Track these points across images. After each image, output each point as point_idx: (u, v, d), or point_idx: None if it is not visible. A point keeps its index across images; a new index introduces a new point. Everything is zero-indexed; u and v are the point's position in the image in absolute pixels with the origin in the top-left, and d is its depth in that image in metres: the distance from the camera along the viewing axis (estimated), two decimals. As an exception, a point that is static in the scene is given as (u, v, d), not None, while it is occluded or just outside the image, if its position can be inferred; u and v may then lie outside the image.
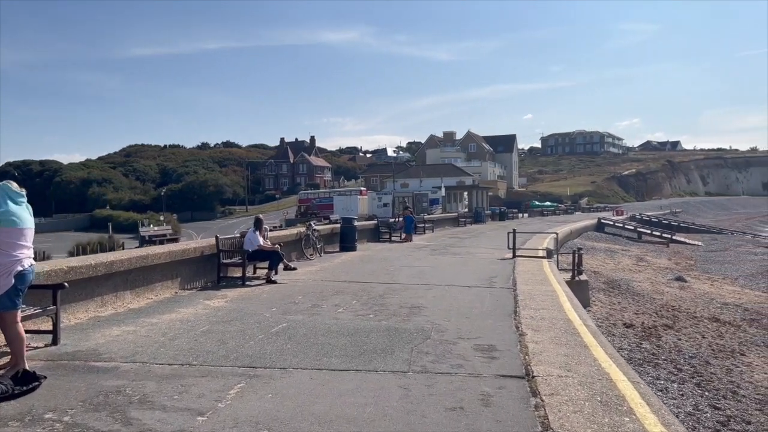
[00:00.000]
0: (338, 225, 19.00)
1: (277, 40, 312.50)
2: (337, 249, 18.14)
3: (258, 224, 11.43)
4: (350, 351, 6.15)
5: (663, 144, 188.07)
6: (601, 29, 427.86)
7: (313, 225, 16.17)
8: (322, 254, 16.25)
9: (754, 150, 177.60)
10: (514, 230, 17.60)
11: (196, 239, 39.67)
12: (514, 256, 17.02)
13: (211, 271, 11.01)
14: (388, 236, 23.53)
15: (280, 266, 11.55)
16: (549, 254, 19.01)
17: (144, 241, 20.86)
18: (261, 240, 11.24)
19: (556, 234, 21.76)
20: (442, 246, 21.65)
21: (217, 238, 10.89)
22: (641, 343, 12.86)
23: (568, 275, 16.04)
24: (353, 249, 18.06)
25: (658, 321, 15.45)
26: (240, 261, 10.87)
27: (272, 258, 11.05)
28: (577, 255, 16.86)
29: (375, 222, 24.98)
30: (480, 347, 6.41)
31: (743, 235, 57.20)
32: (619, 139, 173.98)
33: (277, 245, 11.62)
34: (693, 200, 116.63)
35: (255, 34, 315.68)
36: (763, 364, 12.07)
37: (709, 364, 11.61)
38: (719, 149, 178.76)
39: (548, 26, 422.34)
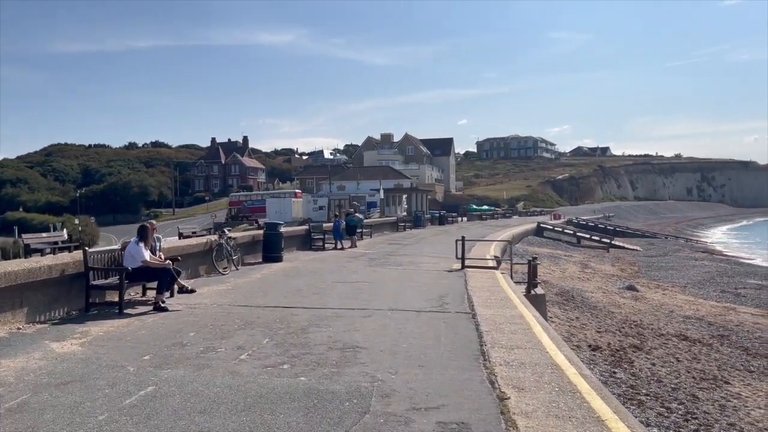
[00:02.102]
0: (261, 231, 16.36)
1: (212, 39, 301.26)
2: (260, 260, 15.54)
3: (143, 233, 8.73)
4: (240, 449, 3.75)
5: (593, 150, 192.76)
6: (534, 38, 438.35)
7: (227, 232, 13.47)
8: (240, 267, 13.59)
9: (678, 157, 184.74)
10: (463, 237, 15.54)
11: (116, 244, 35.99)
12: (463, 266, 14.96)
13: (80, 295, 8.30)
14: (321, 243, 21.03)
15: (175, 287, 8.95)
16: (499, 263, 17.16)
17: (29, 251, 17.65)
18: (146, 254, 8.59)
19: (509, 241, 19.92)
20: (382, 254, 19.38)
21: (85, 251, 8.16)
22: (615, 372, 10.99)
23: (522, 287, 14.13)
24: (278, 260, 15.47)
25: (624, 341, 13.72)
26: (117, 282, 8.18)
27: (161, 277, 8.42)
28: (532, 266, 15.01)
29: (306, 227, 22.39)
30: (446, 429, 4.15)
31: (677, 239, 57.84)
32: (552, 144, 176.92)
33: (168, 261, 8.97)
34: (624, 204, 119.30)
35: (189, 33, 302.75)
36: (753, 395, 10.45)
37: (697, 399, 9.83)
38: (646, 155, 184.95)
39: (482, 34, 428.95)
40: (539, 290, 14.81)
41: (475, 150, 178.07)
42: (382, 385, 5.14)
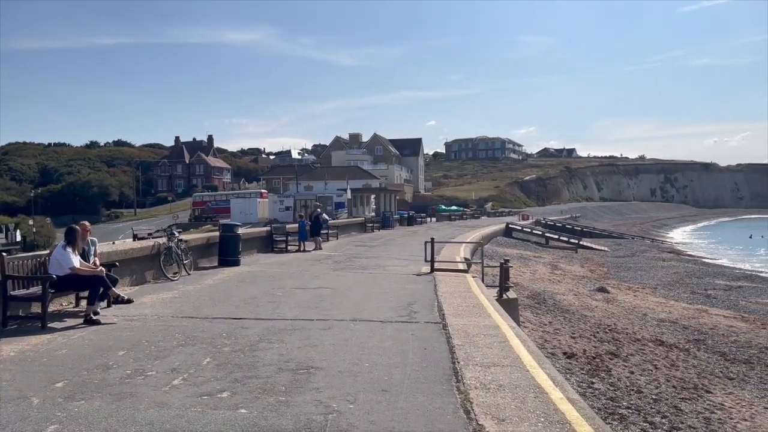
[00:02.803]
0: (217, 233, 15.33)
1: (177, 37, 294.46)
2: (216, 263, 14.54)
3: (71, 236, 7.71)
4: None
5: (560, 151, 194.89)
6: (501, 41, 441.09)
7: (176, 234, 12.44)
8: (192, 272, 12.56)
9: (642, 158, 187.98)
10: (432, 239, 14.80)
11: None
12: (433, 270, 14.23)
13: (-4, 307, 7.27)
14: (284, 246, 20.08)
15: (111, 298, 7.95)
16: (469, 266, 16.52)
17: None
18: (75, 260, 7.58)
19: (480, 242, 19.27)
20: (348, 257, 18.53)
21: (1, 257, 7.13)
22: (592, 382, 10.35)
23: (494, 291, 13.46)
24: (235, 263, 14.47)
25: (599, 347, 13.14)
26: (40, 293, 7.16)
27: (92, 286, 7.42)
28: (504, 269, 14.38)
29: (268, 228, 21.38)
30: (414, 481, 3.35)
31: (643, 239, 58.28)
32: (519, 145, 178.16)
33: (101, 267, 7.97)
34: (590, 205, 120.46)
35: (153, 31, 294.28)
36: (736, 405, 9.92)
37: (680, 411, 9.24)
38: (611, 157, 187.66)
39: (449, 36, 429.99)
40: (511, 294, 14.18)
41: (443, 151, 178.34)
42: (338, 418, 4.32)
